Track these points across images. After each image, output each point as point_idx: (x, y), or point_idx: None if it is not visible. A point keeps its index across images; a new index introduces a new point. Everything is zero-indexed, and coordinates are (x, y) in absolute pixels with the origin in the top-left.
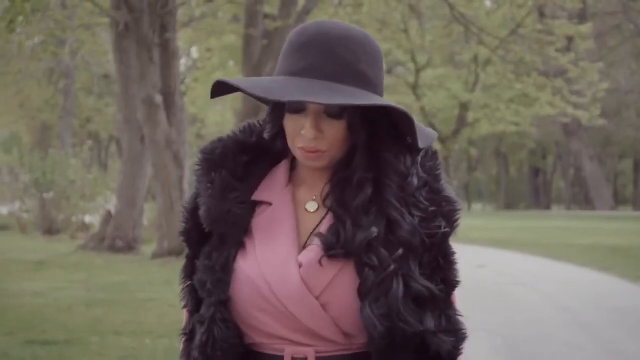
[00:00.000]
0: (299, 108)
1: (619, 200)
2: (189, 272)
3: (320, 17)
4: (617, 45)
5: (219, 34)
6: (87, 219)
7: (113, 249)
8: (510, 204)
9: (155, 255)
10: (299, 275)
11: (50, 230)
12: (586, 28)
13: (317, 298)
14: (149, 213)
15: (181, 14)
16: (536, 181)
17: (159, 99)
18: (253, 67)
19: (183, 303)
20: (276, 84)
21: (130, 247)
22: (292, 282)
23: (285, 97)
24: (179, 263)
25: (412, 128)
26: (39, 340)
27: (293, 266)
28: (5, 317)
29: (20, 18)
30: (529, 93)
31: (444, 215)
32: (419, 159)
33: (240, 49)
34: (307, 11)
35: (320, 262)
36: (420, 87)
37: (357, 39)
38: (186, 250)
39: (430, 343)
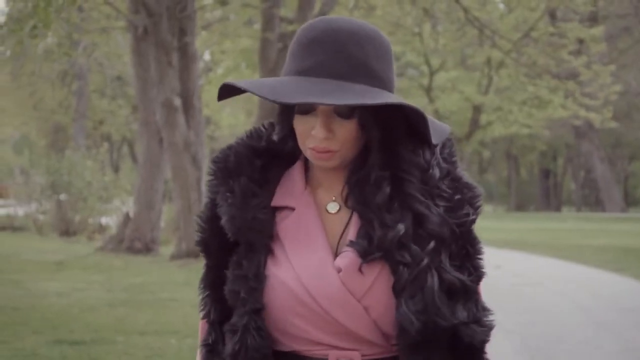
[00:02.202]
0: (308, 109)
1: (629, 202)
2: (209, 282)
3: None
4: (627, 47)
5: (235, 37)
6: (104, 220)
7: (131, 250)
8: (520, 206)
9: (174, 257)
10: (339, 280)
11: (67, 231)
12: (598, 31)
13: (359, 301)
14: (166, 215)
15: (198, 18)
16: (546, 183)
17: (177, 101)
18: (270, 70)
19: (202, 313)
20: (284, 85)
21: (148, 248)
22: (333, 286)
23: (293, 99)
24: (198, 264)
25: (424, 124)
26: (66, 340)
27: (331, 271)
28: (31, 317)
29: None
30: (542, 96)
31: (468, 202)
32: (437, 149)
33: (253, 52)
34: (323, 14)
35: (360, 269)
36: (434, 90)
37: (367, 35)
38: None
39: (462, 334)
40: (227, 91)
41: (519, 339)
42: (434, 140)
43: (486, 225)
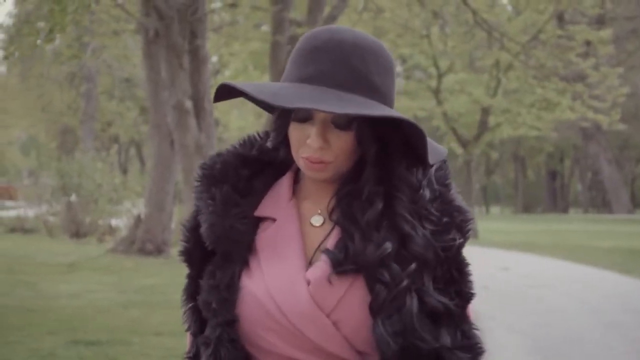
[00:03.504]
0: (305, 116)
1: (636, 204)
2: (191, 292)
3: (344, 22)
4: (635, 49)
5: (246, 40)
6: (114, 222)
7: (143, 252)
8: (527, 207)
9: None
10: (308, 293)
11: (77, 233)
12: (606, 33)
13: (327, 316)
14: (176, 216)
15: (209, 21)
16: (553, 184)
17: (189, 104)
18: (280, 73)
19: (186, 325)
20: (284, 90)
21: (159, 250)
22: (301, 300)
23: (293, 103)
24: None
25: (423, 141)
26: (82, 340)
27: (301, 284)
28: (47, 318)
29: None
30: (550, 98)
31: (456, 226)
32: (432, 170)
33: (262, 55)
34: (333, 17)
35: (329, 279)
36: (442, 92)
37: (371, 48)
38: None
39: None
40: (225, 92)
41: (530, 339)
42: (431, 160)
43: (493, 227)
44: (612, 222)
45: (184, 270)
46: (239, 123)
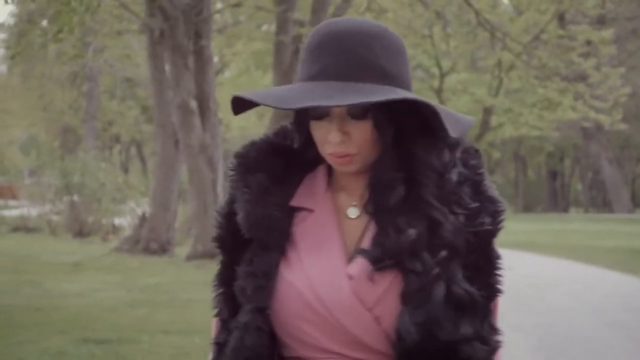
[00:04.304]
0: (321, 114)
1: (637, 203)
2: (223, 279)
3: None
4: (636, 49)
5: (249, 40)
6: (117, 221)
7: (147, 251)
8: (528, 207)
9: (190, 257)
10: (350, 288)
11: (81, 232)
12: (608, 34)
13: (369, 310)
14: (180, 216)
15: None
16: (554, 184)
17: (193, 104)
18: (284, 73)
19: (216, 310)
20: (291, 92)
21: (164, 249)
22: (342, 293)
23: (296, 104)
24: (214, 265)
25: (437, 119)
26: (92, 339)
27: (343, 278)
28: (55, 317)
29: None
30: (551, 98)
31: (489, 213)
32: (458, 154)
33: (264, 55)
34: (336, 17)
35: (370, 277)
36: (445, 92)
37: (371, 32)
38: (219, 257)
39: (462, 351)
40: (240, 104)
41: (535, 339)
42: (452, 133)
43: None
44: (613, 222)
45: (188, 269)
46: (241, 123)
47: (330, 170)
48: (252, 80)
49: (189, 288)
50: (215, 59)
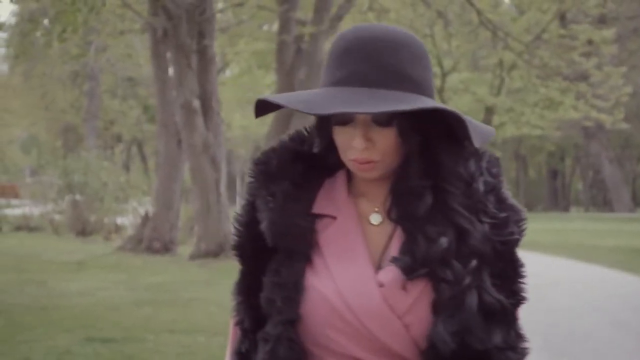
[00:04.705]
0: (346, 119)
1: (637, 202)
2: (243, 288)
3: (349, 22)
4: (637, 49)
5: (252, 39)
6: (119, 220)
7: (150, 250)
8: (528, 206)
9: (193, 256)
10: (381, 295)
11: (83, 231)
12: (609, 33)
13: (399, 318)
14: (183, 215)
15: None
16: (554, 183)
17: (196, 104)
18: (286, 73)
19: (236, 319)
20: (318, 97)
21: (166, 248)
22: (373, 301)
23: (327, 109)
24: (217, 264)
25: (463, 127)
26: (97, 338)
27: (373, 285)
28: (59, 316)
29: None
30: (553, 97)
31: (514, 222)
32: (484, 163)
33: (265, 54)
34: (339, 17)
35: (403, 286)
36: (446, 91)
37: (399, 40)
38: (222, 256)
39: (495, 359)
40: (263, 107)
41: (540, 338)
42: (475, 143)
43: None
44: (614, 221)
45: (191, 268)
46: (242, 122)
47: (349, 176)
48: (253, 79)
49: (192, 287)
50: (217, 58)
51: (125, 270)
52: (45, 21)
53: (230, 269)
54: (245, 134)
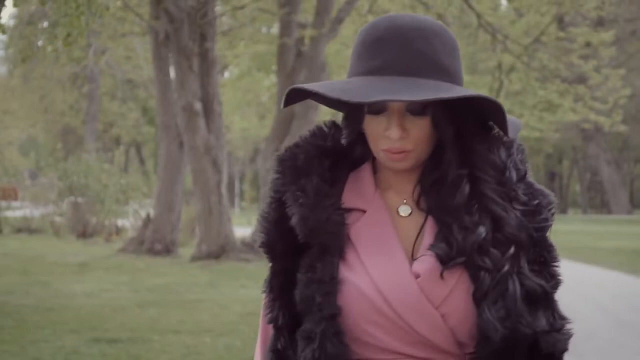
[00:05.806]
0: (380, 109)
1: (635, 204)
2: (276, 285)
3: (349, 25)
4: (635, 51)
5: (253, 42)
6: (120, 222)
7: (152, 252)
8: None
9: (195, 258)
10: (418, 287)
11: (84, 233)
12: (608, 36)
13: (436, 309)
14: (184, 217)
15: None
16: (553, 185)
17: (198, 106)
18: (287, 75)
19: (269, 317)
20: (354, 86)
21: (168, 250)
22: (410, 293)
23: (368, 98)
24: (219, 266)
25: (502, 117)
26: (103, 339)
27: (409, 277)
28: (66, 317)
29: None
30: (552, 100)
31: (545, 207)
32: (514, 151)
33: (265, 57)
34: (339, 20)
35: (441, 275)
36: None
37: (433, 30)
38: (224, 258)
39: (543, 343)
40: (294, 96)
41: None
42: (510, 135)
43: None
44: (612, 223)
45: (193, 270)
46: (243, 124)
47: (374, 169)
48: (254, 82)
49: (195, 289)
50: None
51: (128, 272)
52: (45, 24)
53: (232, 271)
54: (244, 136)
